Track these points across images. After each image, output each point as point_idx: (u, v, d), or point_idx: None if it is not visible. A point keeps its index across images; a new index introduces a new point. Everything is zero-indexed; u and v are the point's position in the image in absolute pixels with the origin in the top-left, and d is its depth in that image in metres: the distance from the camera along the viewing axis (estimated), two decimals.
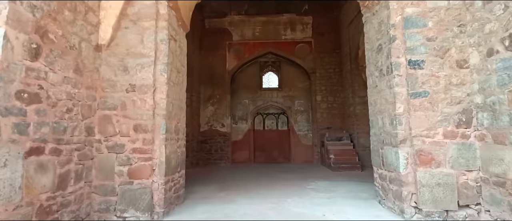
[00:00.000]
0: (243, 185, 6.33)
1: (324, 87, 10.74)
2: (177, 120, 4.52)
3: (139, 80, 3.91)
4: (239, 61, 11.07)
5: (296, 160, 10.91)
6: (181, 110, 4.73)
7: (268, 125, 11.76)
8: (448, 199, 3.50)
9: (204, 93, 10.96)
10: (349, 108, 9.96)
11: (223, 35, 11.12)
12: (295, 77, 11.44)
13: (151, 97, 3.89)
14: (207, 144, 10.69)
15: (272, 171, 8.62)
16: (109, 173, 3.77)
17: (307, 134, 11.10)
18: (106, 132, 3.83)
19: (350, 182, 6.50)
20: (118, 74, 3.93)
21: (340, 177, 7.31)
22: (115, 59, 3.95)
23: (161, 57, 4.03)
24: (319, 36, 10.93)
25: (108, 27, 3.87)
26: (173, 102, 4.28)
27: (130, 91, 3.90)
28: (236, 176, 7.65)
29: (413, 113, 3.66)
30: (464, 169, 3.54)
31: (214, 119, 10.85)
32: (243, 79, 11.49)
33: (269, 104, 11.43)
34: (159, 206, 3.83)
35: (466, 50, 3.69)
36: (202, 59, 11.05)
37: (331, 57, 10.82)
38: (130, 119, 3.85)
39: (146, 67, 3.93)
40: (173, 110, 4.31)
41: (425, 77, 3.68)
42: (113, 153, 3.80)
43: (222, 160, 10.62)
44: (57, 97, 3.14)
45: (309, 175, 7.64)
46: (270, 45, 11.01)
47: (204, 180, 7.05)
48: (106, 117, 3.85)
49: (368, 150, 9.50)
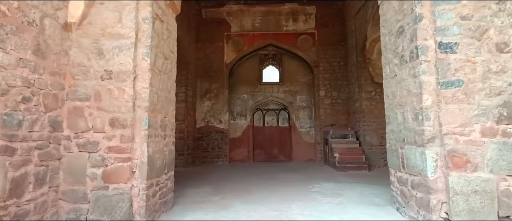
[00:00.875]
0: (241, 186, 5.73)
1: (327, 82, 10.11)
2: (164, 114, 3.91)
3: (116, 65, 3.29)
4: (237, 54, 10.43)
5: (298, 159, 10.32)
6: (169, 103, 4.11)
7: (268, 122, 11.16)
8: (486, 210, 2.90)
9: (200, 88, 10.33)
10: (354, 104, 9.34)
11: (220, 26, 10.48)
12: (297, 70, 10.81)
13: (131, 86, 3.28)
14: (203, 141, 10.08)
15: (272, 170, 8.03)
16: (80, 176, 3.17)
17: (310, 131, 10.49)
18: (77, 127, 3.22)
19: (359, 184, 5.91)
20: (92, 59, 3.31)
21: (346, 177, 6.72)
22: (88, 41, 3.33)
23: (144, 39, 3.41)
24: (322, 27, 10.29)
25: (79, 2, 3.25)
26: (158, 93, 3.66)
27: (105, 78, 3.28)
28: (234, 176, 7.06)
29: (444, 106, 3.05)
30: (506, 173, 2.94)
31: (211, 115, 10.24)
32: (242, 73, 10.86)
33: (270, 100, 10.80)
34: (139, 215, 3.22)
35: (507, 31, 3.08)
36: (199, 51, 10.42)
37: (336, 50, 10.19)
38: (106, 111, 3.24)
39: (125, 50, 3.31)
40: (159, 102, 3.69)
41: (458, 63, 3.07)
42: (85, 152, 3.20)
43: (219, 158, 10.02)
44: (8, 83, 2.52)
45: (313, 175, 7.05)
46: (271, 36, 10.37)
47: (198, 180, 6.45)
48: (77, 109, 3.24)
49: (375, 148, 8.96)
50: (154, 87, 3.52)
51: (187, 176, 7.14)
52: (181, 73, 9.12)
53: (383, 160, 8.52)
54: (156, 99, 3.59)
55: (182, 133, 8.89)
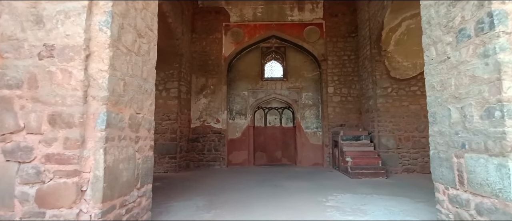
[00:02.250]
0: (239, 198, 4.75)
1: (336, 77, 9.13)
2: (137, 109, 2.92)
3: (61, 38, 2.31)
4: (237, 46, 9.45)
5: (303, 163, 9.32)
6: (145, 95, 3.12)
7: (270, 122, 10.17)
8: None
9: (196, 83, 9.35)
10: (367, 102, 8.36)
11: (218, 16, 9.50)
12: (302, 65, 9.81)
13: (81, 68, 2.30)
14: (199, 143, 9.10)
15: (275, 177, 7.04)
16: (4, 197, 2.19)
17: (317, 132, 9.49)
18: (2, 126, 2.23)
19: (381, 196, 4.92)
20: (27, 29, 2.33)
21: (362, 187, 5.73)
22: (23, 4, 2.35)
23: (103, 2, 2.42)
24: (331, 16, 9.30)
25: None
26: (125, 80, 2.68)
27: (45, 56, 2.30)
28: (231, 184, 6.07)
29: None
30: None
31: (207, 113, 9.25)
32: (242, 68, 9.87)
33: (272, 97, 9.80)
34: None
35: None
36: (194, 44, 9.44)
37: (346, 42, 9.20)
38: (44, 104, 2.26)
39: (74, 17, 2.33)
40: (127, 92, 2.70)
41: None
42: (13, 162, 2.22)
43: (216, 161, 9.03)
44: None
45: (323, 184, 6.06)
46: (274, 27, 9.38)
47: (190, 189, 5.47)
48: (4, 100, 2.26)
49: (392, 152, 7.94)
50: (118, 71, 2.54)
51: (177, 184, 6.16)
52: (173, 66, 8.17)
53: (401, 165, 7.56)
54: (122, 88, 2.60)
55: (174, 133, 7.92)
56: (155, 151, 7.96)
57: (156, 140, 7.85)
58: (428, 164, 7.87)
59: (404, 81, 7.76)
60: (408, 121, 7.66)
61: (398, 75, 7.78)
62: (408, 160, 7.55)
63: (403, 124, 7.65)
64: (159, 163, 7.78)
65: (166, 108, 7.97)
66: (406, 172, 7.48)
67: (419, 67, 7.71)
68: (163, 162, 7.80)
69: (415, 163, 7.53)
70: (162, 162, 7.80)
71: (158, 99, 8.00)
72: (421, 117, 7.62)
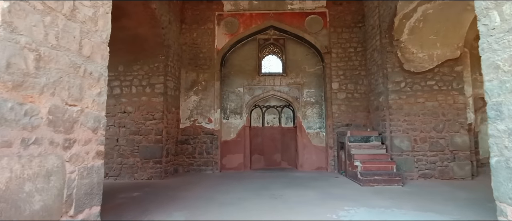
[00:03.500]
0: (230, 214, 3.81)
1: (342, 72, 8.22)
2: (69, 97, 1.99)
3: None
4: (231, 38, 8.53)
5: (305, 167, 8.39)
6: (88, 80, 2.19)
7: (268, 121, 9.25)
8: None
9: (185, 79, 8.43)
10: (377, 99, 7.45)
11: (211, 4, 8.59)
12: (303, 59, 8.89)
13: None
14: (189, 145, 8.16)
15: (275, 184, 6.11)
16: None
17: (320, 133, 8.57)
18: None
19: (404, 211, 4.00)
20: None
21: (377, 197, 4.82)
22: None
23: None
24: (335, 5, 8.41)
25: None
26: (42, 52, 1.74)
27: None
28: (222, 194, 5.14)
29: None
30: None
31: (198, 112, 8.33)
32: (237, 62, 8.94)
33: (270, 94, 8.87)
34: None
35: None
36: (184, 35, 8.52)
37: (352, 33, 8.30)
38: None
39: None
40: (45, 70, 1.77)
41: None
42: None
43: (208, 166, 8.10)
44: None
45: (330, 193, 5.14)
46: (272, 17, 8.48)
47: (172, 201, 4.54)
48: None
49: (406, 155, 6.95)
50: (24, 36, 1.61)
51: (159, 193, 5.22)
52: (158, 59, 7.23)
53: (417, 170, 6.64)
54: (32, 64, 1.67)
55: (159, 134, 6.98)
56: (137, 155, 7.09)
57: (139, 142, 6.93)
58: (448, 168, 6.70)
59: (420, 74, 6.86)
60: (424, 119, 6.75)
61: (413, 68, 6.87)
62: (425, 164, 6.64)
63: (418, 123, 6.74)
64: (142, 168, 6.85)
65: (150, 106, 7.04)
66: (423, 178, 6.56)
67: (437, 58, 6.83)
68: (146, 167, 6.87)
69: (433, 167, 6.61)
70: (145, 167, 6.86)
71: (141, 95, 7.10)
72: (439, 115, 6.72)
